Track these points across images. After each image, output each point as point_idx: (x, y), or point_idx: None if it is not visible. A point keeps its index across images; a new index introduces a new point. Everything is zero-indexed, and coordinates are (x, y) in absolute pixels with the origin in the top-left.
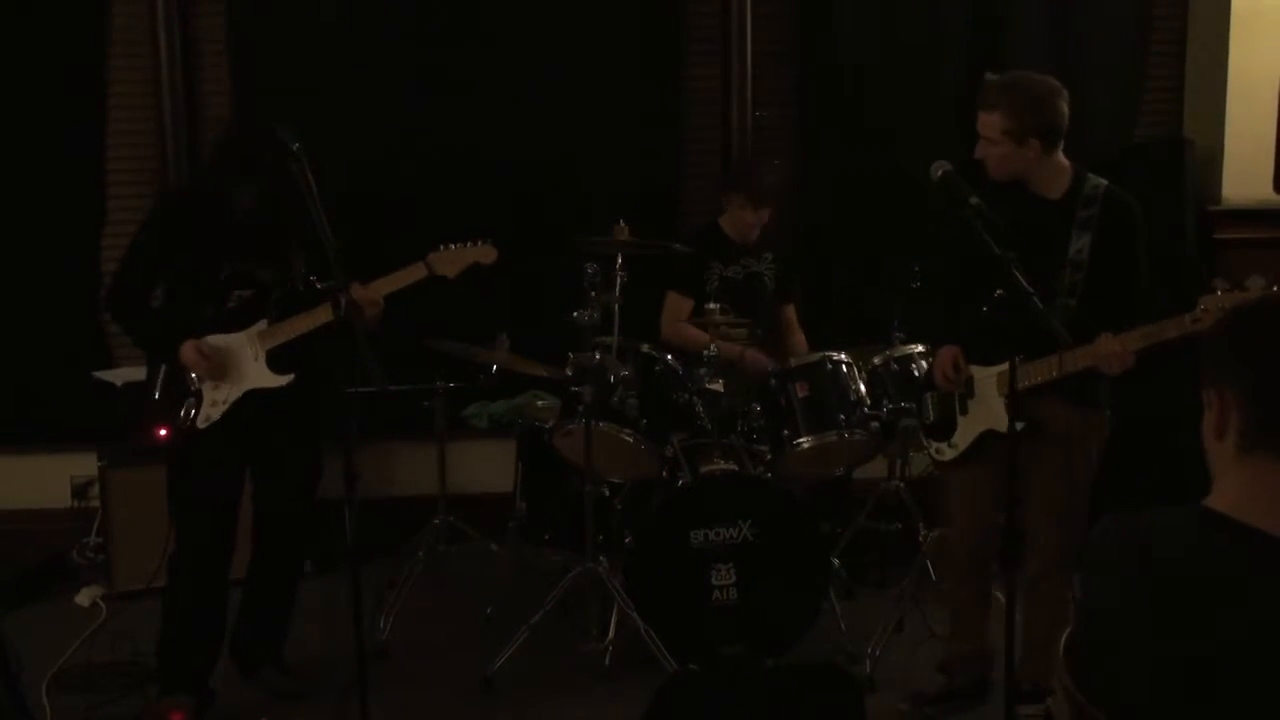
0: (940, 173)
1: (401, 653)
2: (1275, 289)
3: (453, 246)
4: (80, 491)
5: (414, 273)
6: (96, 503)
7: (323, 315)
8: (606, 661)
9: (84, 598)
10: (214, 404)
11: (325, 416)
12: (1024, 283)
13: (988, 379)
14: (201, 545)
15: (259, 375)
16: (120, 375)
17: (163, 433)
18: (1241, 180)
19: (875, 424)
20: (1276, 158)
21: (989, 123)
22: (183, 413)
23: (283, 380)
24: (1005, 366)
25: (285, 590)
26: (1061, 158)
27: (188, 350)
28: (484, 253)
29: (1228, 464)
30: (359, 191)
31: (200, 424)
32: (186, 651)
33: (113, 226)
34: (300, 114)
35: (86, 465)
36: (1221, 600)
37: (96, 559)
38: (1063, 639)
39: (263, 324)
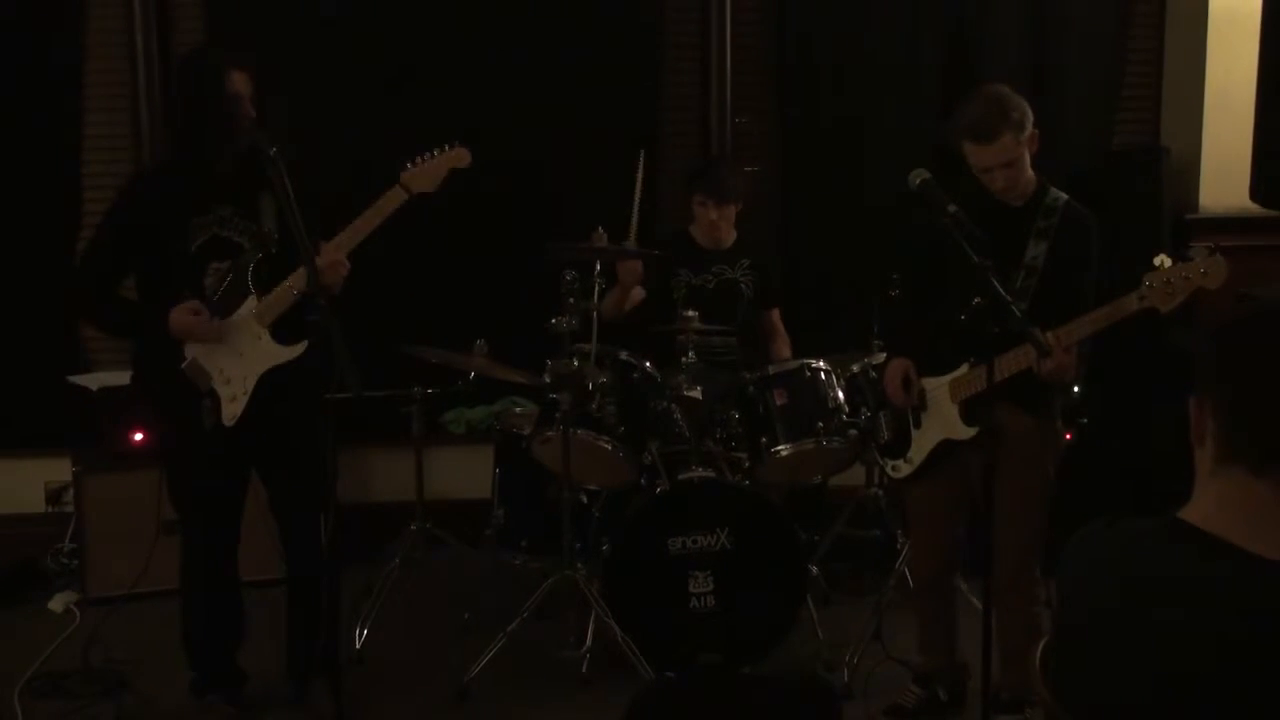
0: (919, 181)
1: (377, 659)
2: (1217, 255)
3: (422, 158)
4: (54, 497)
5: (393, 199)
6: (71, 508)
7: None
8: (583, 669)
9: (57, 603)
10: (233, 399)
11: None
12: (1002, 291)
13: (940, 388)
14: (208, 545)
15: (269, 353)
16: (96, 380)
17: (138, 437)
18: (1218, 188)
19: (853, 431)
20: (1253, 166)
21: (1005, 146)
22: (207, 419)
23: (297, 350)
24: (958, 374)
25: (326, 594)
26: (1028, 166)
27: (177, 315)
28: (458, 156)
29: (1204, 475)
30: (334, 195)
31: (228, 421)
32: (211, 647)
33: (88, 231)
34: (276, 118)
35: (61, 470)
36: (1193, 614)
37: (70, 564)
38: (1038, 649)
39: (252, 302)
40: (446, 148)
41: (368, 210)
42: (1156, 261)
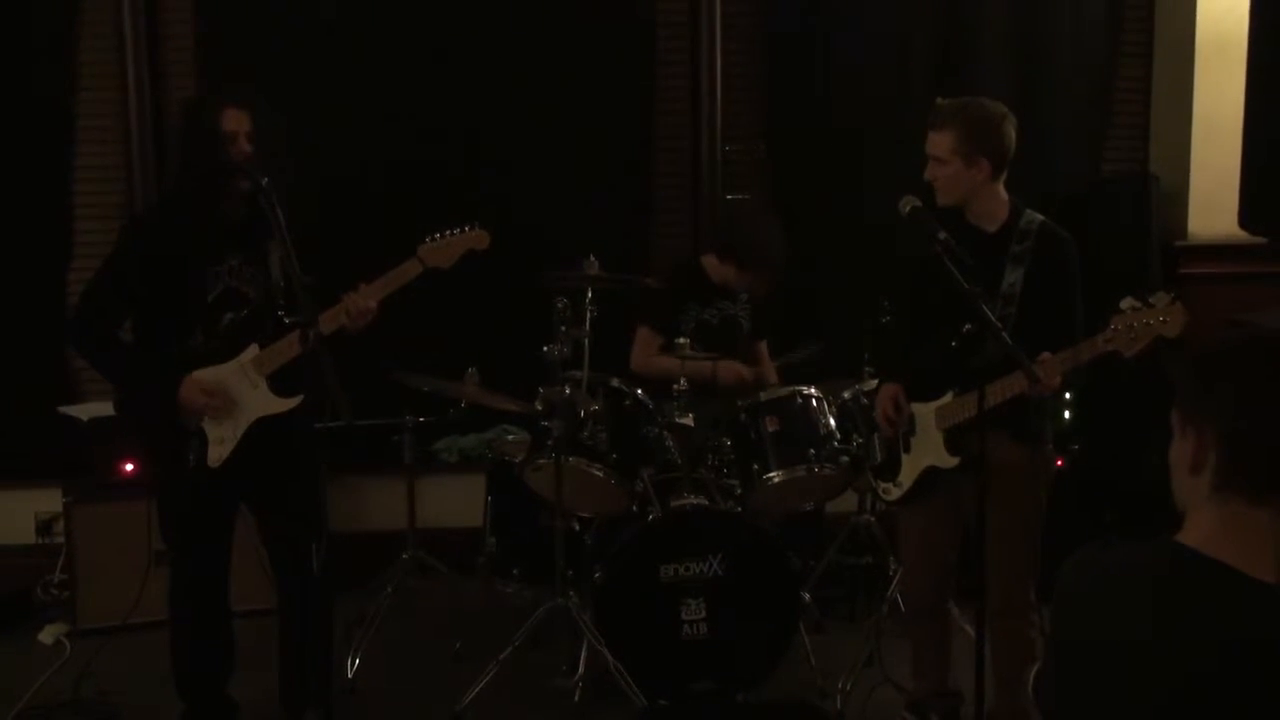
0: (909, 208)
1: (370, 689)
2: (1177, 303)
3: (439, 236)
4: (44, 528)
5: (408, 270)
6: (61, 539)
7: (329, 322)
8: (576, 697)
9: (47, 635)
10: (221, 441)
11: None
12: (992, 317)
13: (927, 415)
14: (198, 576)
15: (263, 403)
16: (86, 410)
17: (129, 467)
18: (1207, 215)
19: (845, 458)
20: (1241, 193)
21: (939, 142)
22: (192, 457)
23: (291, 403)
24: (943, 401)
25: (319, 624)
26: (1002, 190)
27: (190, 391)
28: (477, 238)
29: (1201, 500)
30: (324, 227)
31: (212, 463)
32: (201, 679)
33: (79, 261)
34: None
35: (51, 501)
36: (1192, 637)
37: (61, 596)
38: (1031, 675)
39: (254, 349)
40: (466, 228)
41: (381, 278)
42: (1124, 305)
